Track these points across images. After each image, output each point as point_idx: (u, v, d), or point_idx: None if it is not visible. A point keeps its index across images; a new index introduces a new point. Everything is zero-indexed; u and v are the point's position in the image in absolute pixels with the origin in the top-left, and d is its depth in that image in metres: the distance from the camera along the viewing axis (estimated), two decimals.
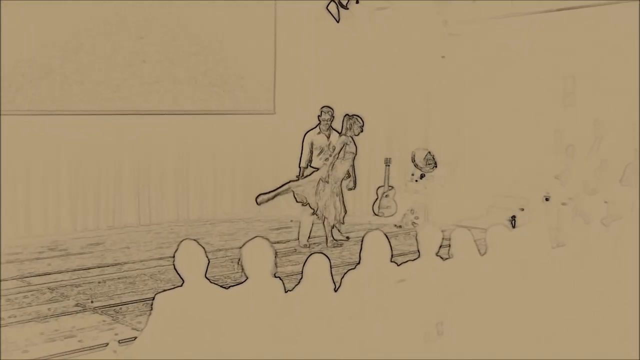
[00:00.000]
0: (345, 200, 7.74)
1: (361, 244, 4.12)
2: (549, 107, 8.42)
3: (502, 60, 8.72)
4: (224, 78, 9.07)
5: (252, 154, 9.49)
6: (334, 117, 7.56)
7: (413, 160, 8.85)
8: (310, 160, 7.47)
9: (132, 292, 5.83)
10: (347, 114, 7.48)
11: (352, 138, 7.50)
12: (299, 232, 7.69)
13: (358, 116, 7.52)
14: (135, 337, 4.22)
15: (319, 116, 7.58)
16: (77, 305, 5.47)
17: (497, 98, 8.81)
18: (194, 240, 3.77)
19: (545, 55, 8.34)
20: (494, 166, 8.75)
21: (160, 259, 6.98)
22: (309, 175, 7.46)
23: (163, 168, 8.83)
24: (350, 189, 7.50)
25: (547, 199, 7.92)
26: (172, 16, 8.54)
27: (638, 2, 7.52)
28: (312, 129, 7.61)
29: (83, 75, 8.01)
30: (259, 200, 7.19)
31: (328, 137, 7.53)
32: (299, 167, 7.55)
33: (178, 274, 3.70)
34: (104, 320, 5.15)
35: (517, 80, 8.61)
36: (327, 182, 7.30)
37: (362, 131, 7.47)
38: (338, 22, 9.05)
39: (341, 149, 7.25)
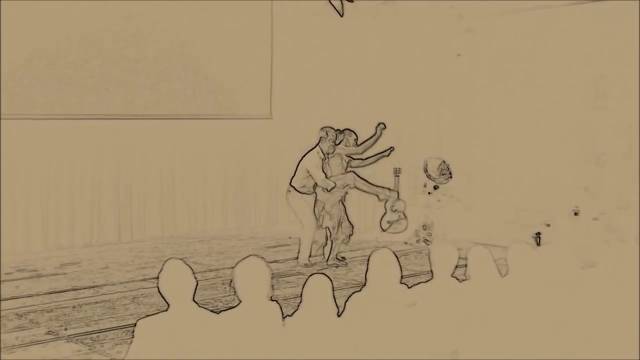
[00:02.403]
0: (350, 215, 7.75)
1: (367, 264, 4.11)
2: (577, 110, 8.42)
3: (524, 59, 8.73)
4: (216, 79, 9.11)
5: (247, 163, 9.50)
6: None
7: (425, 171, 8.86)
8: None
9: (111, 317, 5.82)
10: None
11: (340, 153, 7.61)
12: (298, 251, 7.69)
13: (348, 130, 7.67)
14: None
15: (322, 137, 7.56)
16: (48, 333, 5.46)
17: (519, 101, 8.82)
18: (181, 259, 3.77)
19: (574, 52, 8.35)
20: (516, 177, 8.75)
21: (143, 280, 6.97)
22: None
23: (147, 178, 8.84)
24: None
25: (575, 214, 7.92)
26: (165, 16, 8.60)
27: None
28: (313, 149, 7.58)
29: (66, 79, 8.06)
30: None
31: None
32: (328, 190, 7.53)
33: (163, 297, 3.69)
34: (79, 350, 5.13)
35: (541, 80, 8.62)
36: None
37: (333, 144, 7.56)
38: (342, 16, 9.10)
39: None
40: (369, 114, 9.30)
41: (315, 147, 7.56)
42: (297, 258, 7.69)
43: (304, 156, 7.55)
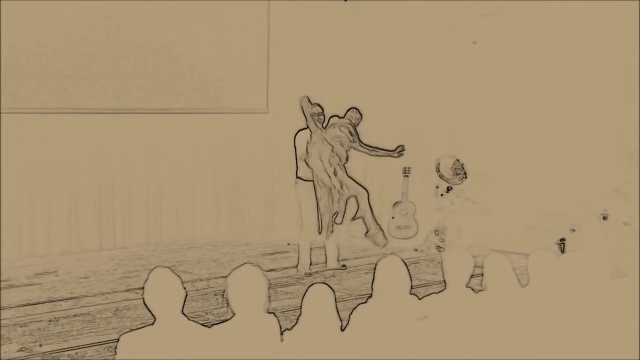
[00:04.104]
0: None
1: (374, 273, 4.12)
2: (606, 103, 8.42)
3: (547, 47, 8.74)
4: (209, 71, 9.12)
5: (241, 161, 9.51)
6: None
7: (438, 170, 8.87)
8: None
9: (92, 332, 5.83)
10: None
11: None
12: (298, 258, 7.71)
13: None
14: None
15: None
16: (22, 349, 5.47)
17: (541, 93, 8.83)
18: (168, 268, 3.77)
19: (602, 39, 8.34)
20: (538, 177, 8.76)
21: (127, 291, 6.98)
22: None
23: (132, 178, 8.84)
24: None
25: (604, 218, 7.92)
26: (160, 9, 8.65)
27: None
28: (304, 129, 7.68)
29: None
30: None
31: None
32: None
33: (148, 309, 3.70)
34: None
35: (566, 71, 8.62)
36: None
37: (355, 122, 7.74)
38: (345, 0, 9.11)
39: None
40: (373, 109, 9.30)
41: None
42: (297, 266, 7.71)
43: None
